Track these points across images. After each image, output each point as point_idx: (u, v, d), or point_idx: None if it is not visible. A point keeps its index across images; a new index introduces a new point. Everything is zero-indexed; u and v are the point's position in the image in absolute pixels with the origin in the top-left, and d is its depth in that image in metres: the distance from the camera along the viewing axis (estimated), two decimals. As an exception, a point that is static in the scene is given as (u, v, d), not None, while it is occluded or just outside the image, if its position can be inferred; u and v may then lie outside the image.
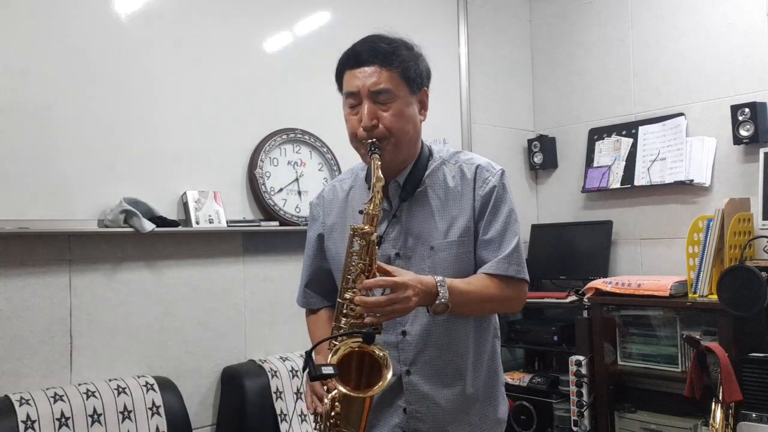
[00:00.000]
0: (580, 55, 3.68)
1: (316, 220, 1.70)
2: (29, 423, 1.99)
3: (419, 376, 1.52)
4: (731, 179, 3.07)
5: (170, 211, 2.47)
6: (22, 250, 2.18)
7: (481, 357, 1.59)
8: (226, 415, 2.53)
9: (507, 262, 1.52)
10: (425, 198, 1.55)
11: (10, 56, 2.16)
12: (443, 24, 3.49)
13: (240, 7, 2.71)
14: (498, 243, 1.52)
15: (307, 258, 1.72)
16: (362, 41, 1.52)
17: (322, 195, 1.72)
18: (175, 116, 2.51)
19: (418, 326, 1.52)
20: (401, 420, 1.53)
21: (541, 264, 3.61)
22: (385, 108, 1.47)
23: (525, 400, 3.24)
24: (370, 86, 1.46)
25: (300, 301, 1.77)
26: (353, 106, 1.50)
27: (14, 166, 2.16)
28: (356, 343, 1.38)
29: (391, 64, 1.47)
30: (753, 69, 3.02)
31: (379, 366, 1.37)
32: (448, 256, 1.52)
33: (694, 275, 2.82)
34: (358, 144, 1.51)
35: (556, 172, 3.79)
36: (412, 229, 1.54)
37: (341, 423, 1.38)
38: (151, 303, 2.45)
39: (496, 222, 1.53)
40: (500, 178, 1.56)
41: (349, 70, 1.50)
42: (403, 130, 1.49)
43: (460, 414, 1.55)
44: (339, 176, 1.77)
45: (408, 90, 1.50)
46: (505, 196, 1.55)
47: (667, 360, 2.88)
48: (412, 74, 1.51)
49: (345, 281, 1.44)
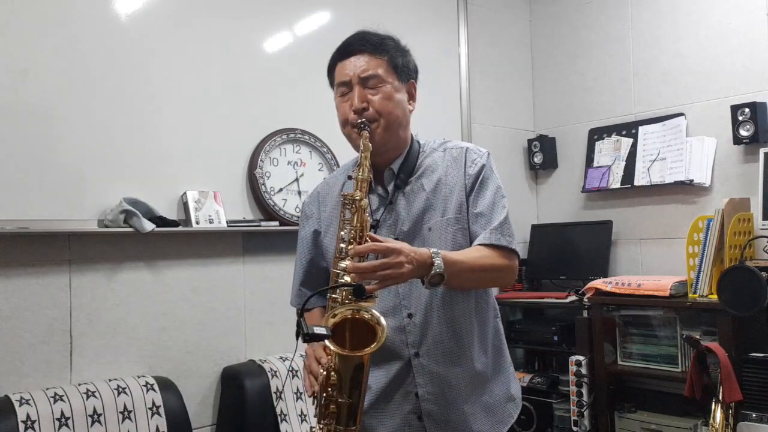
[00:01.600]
0: (580, 55, 3.68)
1: (310, 218, 1.71)
2: (29, 423, 1.99)
3: (428, 358, 1.54)
4: (731, 179, 3.07)
5: (170, 211, 2.47)
6: (22, 250, 2.18)
7: (486, 334, 1.62)
8: (226, 415, 2.53)
9: (499, 232, 1.55)
10: (419, 184, 1.59)
11: (10, 56, 2.16)
12: (443, 24, 3.49)
13: (240, 7, 2.71)
14: (488, 216, 1.56)
15: (302, 257, 1.72)
16: (352, 35, 1.60)
17: (316, 192, 1.74)
18: (175, 116, 2.51)
19: (422, 306, 1.54)
20: (414, 405, 1.54)
21: (541, 264, 3.61)
22: (375, 92, 1.54)
23: (525, 400, 3.23)
24: (360, 72, 1.54)
25: (294, 301, 1.74)
26: (344, 94, 1.56)
27: (14, 166, 2.16)
28: (348, 310, 1.37)
29: (379, 52, 1.55)
30: (753, 69, 3.02)
31: (372, 330, 1.35)
32: (445, 234, 1.55)
33: (694, 275, 2.82)
34: (350, 129, 1.55)
35: (556, 172, 3.79)
36: (409, 215, 1.57)
37: (338, 394, 1.35)
38: (151, 303, 2.45)
39: (485, 197, 1.57)
40: (487, 159, 1.62)
41: (340, 61, 1.57)
42: (392, 114, 1.55)
43: (472, 393, 1.57)
44: (332, 173, 1.81)
45: (396, 77, 1.57)
46: (493, 174, 1.61)
47: (667, 360, 2.88)
48: (400, 63, 1.58)
49: (338, 250, 1.45)
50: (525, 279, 3.63)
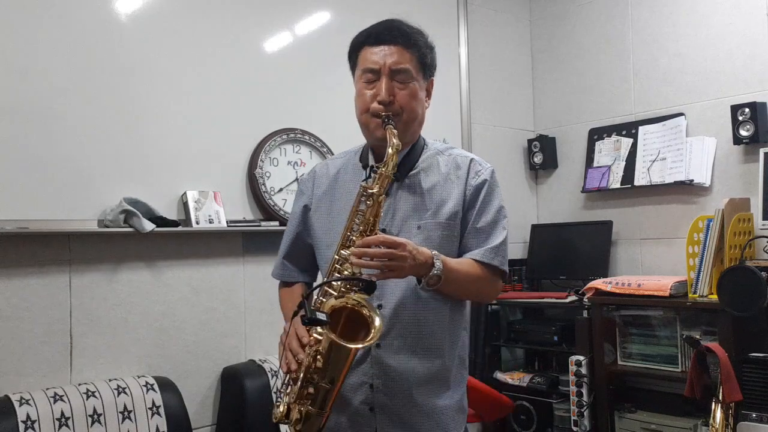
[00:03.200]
0: (580, 55, 3.68)
1: (304, 194, 1.71)
2: (29, 423, 1.99)
3: (388, 350, 1.53)
4: (731, 179, 3.07)
5: (170, 211, 2.47)
6: (22, 250, 2.18)
7: (454, 344, 1.61)
8: (226, 415, 2.53)
9: (494, 252, 1.56)
10: (417, 180, 1.59)
11: (10, 56, 2.16)
12: (443, 24, 3.49)
13: (240, 7, 2.71)
14: (487, 234, 1.56)
15: (289, 230, 1.74)
16: (383, 22, 1.58)
17: (314, 170, 1.75)
18: (175, 116, 2.51)
19: (394, 300, 1.53)
20: (367, 396, 1.53)
21: (541, 264, 3.61)
22: (402, 87, 1.53)
23: (525, 400, 3.24)
24: (392, 64, 1.52)
25: (276, 273, 1.77)
26: (370, 81, 1.55)
27: (14, 166, 2.15)
28: (353, 300, 1.38)
29: (411, 47, 1.55)
30: (753, 69, 3.02)
31: (365, 325, 1.37)
32: (433, 236, 1.54)
33: (694, 275, 2.82)
34: (369, 118, 1.54)
35: (556, 172, 3.80)
36: (401, 208, 1.56)
37: (318, 377, 1.36)
38: (151, 303, 2.45)
39: (487, 213, 1.57)
40: (491, 174, 1.62)
41: (369, 47, 1.55)
42: (414, 111, 1.55)
43: (428, 393, 1.55)
44: (334, 156, 1.80)
45: (422, 75, 1.58)
46: (497, 191, 1.61)
47: (667, 360, 2.88)
48: (428, 61, 1.58)
49: (344, 239, 1.46)
50: (525, 279, 3.63)
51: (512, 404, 3.14)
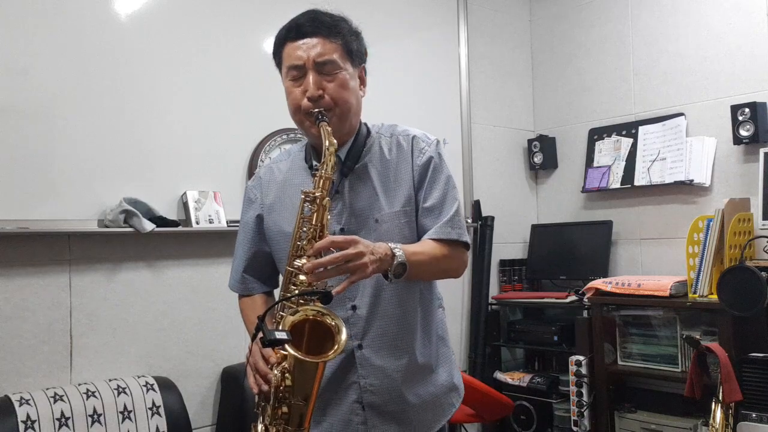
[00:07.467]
0: (580, 55, 3.68)
1: (254, 202, 1.68)
2: (29, 423, 1.99)
3: (371, 350, 1.52)
4: (731, 179, 3.07)
5: (170, 211, 2.47)
6: (22, 250, 2.18)
7: (430, 325, 1.60)
8: (226, 415, 2.53)
9: (449, 226, 1.53)
10: (366, 172, 1.55)
11: (10, 56, 2.16)
12: (443, 24, 3.49)
13: (240, 7, 2.71)
14: (439, 209, 1.54)
15: (244, 242, 1.69)
16: (302, 14, 1.52)
17: (258, 176, 1.70)
18: (175, 116, 2.51)
19: (367, 299, 1.52)
20: (358, 395, 1.53)
21: (541, 264, 3.61)
22: (330, 78, 1.48)
23: (525, 400, 3.24)
24: (315, 57, 1.47)
25: (236, 287, 1.72)
26: (296, 79, 1.50)
27: (14, 166, 2.16)
28: (311, 311, 1.34)
29: (334, 36, 1.49)
30: (753, 69, 3.02)
31: (331, 335, 1.33)
32: (392, 227, 1.52)
33: (694, 275, 2.82)
34: (302, 117, 1.50)
35: (556, 172, 3.79)
36: (356, 204, 1.54)
37: (290, 395, 1.32)
38: (151, 303, 2.45)
39: (435, 190, 1.55)
40: (436, 148, 1.58)
41: (291, 42, 1.50)
42: (347, 102, 1.50)
43: (415, 384, 1.56)
44: (275, 157, 1.76)
45: (350, 63, 1.52)
46: (442, 165, 1.57)
47: (667, 360, 2.88)
48: (354, 48, 1.53)
49: (294, 248, 1.41)
50: (525, 279, 3.64)
51: (512, 404, 3.13)
